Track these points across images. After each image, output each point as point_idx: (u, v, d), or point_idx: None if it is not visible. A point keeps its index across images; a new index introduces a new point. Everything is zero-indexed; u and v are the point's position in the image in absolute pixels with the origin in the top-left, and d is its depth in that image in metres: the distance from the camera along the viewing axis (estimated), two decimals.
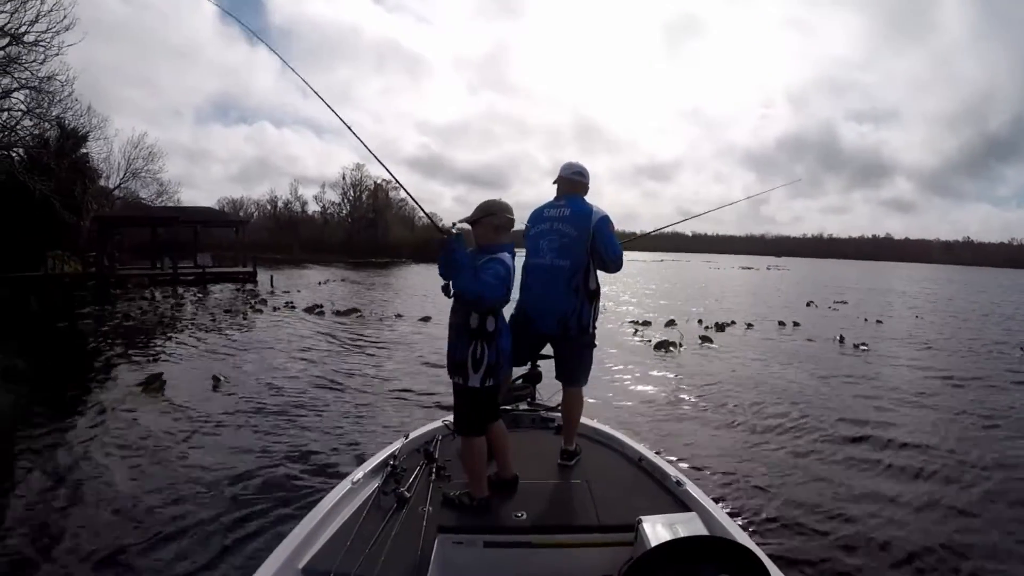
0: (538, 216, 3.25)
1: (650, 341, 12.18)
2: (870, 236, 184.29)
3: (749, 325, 15.11)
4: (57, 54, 19.75)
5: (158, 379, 7.46)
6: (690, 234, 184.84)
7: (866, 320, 17.67)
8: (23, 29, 18.72)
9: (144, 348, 10.73)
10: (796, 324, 15.78)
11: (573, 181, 3.27)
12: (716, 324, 14.90)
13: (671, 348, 11.38)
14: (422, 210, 3.24)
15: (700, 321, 15.57)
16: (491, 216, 2.68)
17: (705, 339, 12.35)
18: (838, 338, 13.16)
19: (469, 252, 2.63)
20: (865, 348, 12.22)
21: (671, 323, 14.99)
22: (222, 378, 7.97)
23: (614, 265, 3.18)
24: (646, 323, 14.79)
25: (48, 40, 19.20)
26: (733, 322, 15.47)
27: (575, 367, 3.25)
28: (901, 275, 62.85)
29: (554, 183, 3.34)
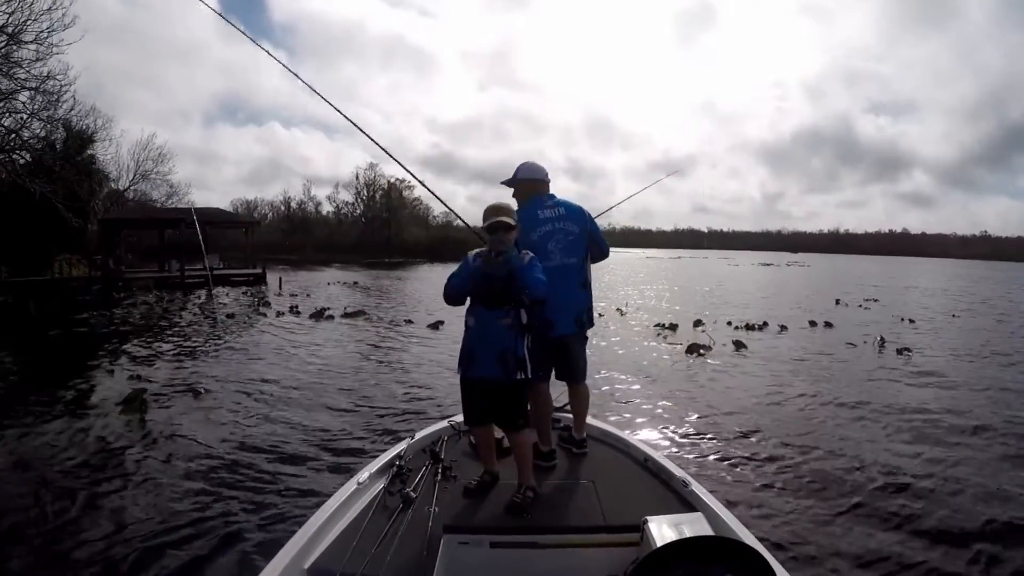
0: (534, 218, 3.16)
1: (680, 345, 11.33)
2: (887, 231, 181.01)
3: (783, 327, 14.11)
4: (53, 53, 19.34)
5: (140, 396, 6.78)
6: (706, 230, 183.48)
7: (902, 320, 16.57)
8: (21, 28, 18.26)
9: (133, 357, 10.09)
10: (828, 325, 14.76)
11: (547, 183, 3.30)
12: (747, 325, 13.98)
13: (701, 352, 10.55)
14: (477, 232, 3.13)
15: (729, 323, 14.62)
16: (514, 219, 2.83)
17: (739, 343, 11.42)
18: (878, 341, 12.13)
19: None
20: (908, 353, 11.21)
21: (699, 323, 14.13)
22: (204, 390, 7.44)
23: (605, 255, 3.43)
24: (673, 326, 13.84)
25: (45, 38, 18.77)
26: (765, 323, 14.46)
27: (582, 363, 3.35)
28: (924, 271, 60.59)
29: (506, 184, 3.31)
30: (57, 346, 11.52)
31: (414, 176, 4.39)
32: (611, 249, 3.51)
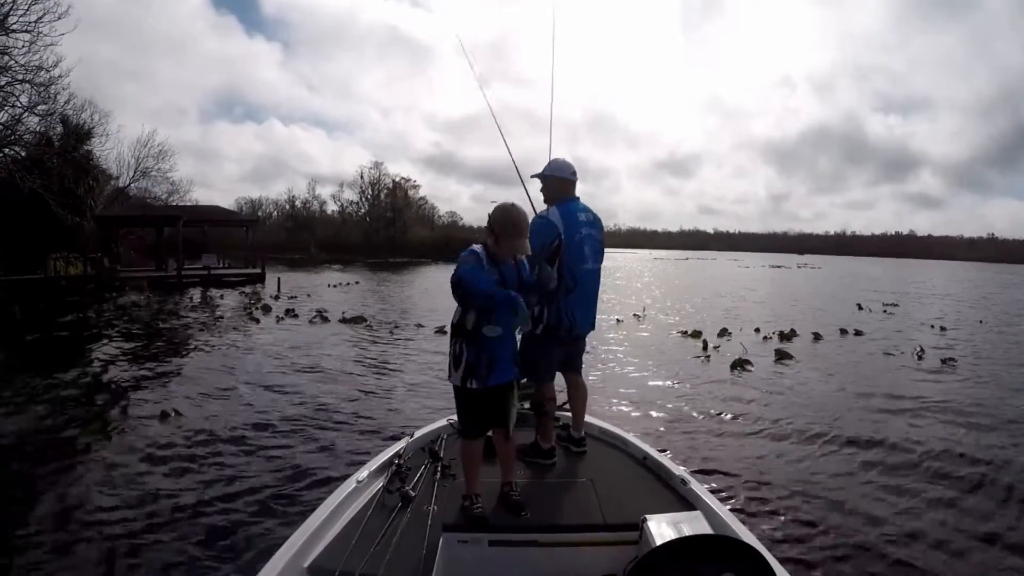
0: (575, 220, 3.15)
1: (709, 355, 10.49)
2: (894, 233, 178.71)
3: (816, 336, 13.14)
4: (45, 44, 18.72)
5: (101, 417, 6.07)
6: (712, 231, 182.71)
7: (932, 327, 15.62)
8: (12, 18, 17.58)
9: (109, 367, 9.31)
10: (858, 333, 13.85)
11: (575, 182, 3.26)
12: (779, 334, 13.00)
13: (748, 368, 9.55)
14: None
15: (757, 330, 13.67)
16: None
17: (782, 354, 10.53)
18: (918, 351, 11.25)
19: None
20: (954, 363, 10.33)
21: (724, 332, 13.17)
22: (173, 412, 6.68)
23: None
24: (696, 333, 12.91)
25: (33, 27, 18.13)
26: (794, 331, 13.43)
27: (582, 357, 3.47)
28: (935, 274, 59.15)
29: (537, 177, 3.26)
30: (29, 353, 10.67)
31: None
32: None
